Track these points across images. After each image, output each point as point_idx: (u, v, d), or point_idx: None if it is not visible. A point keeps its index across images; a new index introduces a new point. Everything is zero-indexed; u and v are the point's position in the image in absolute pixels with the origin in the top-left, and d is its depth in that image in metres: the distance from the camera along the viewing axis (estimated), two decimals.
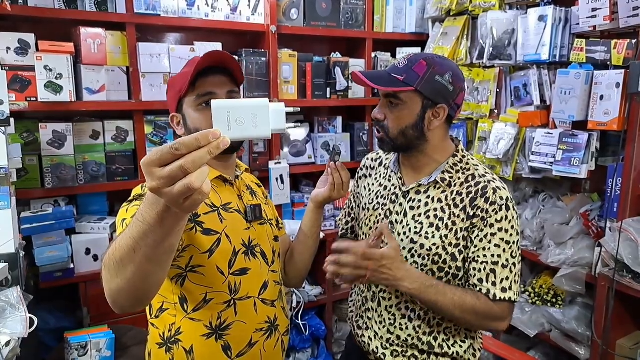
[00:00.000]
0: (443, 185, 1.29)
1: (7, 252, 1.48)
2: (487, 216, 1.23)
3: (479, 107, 2.49)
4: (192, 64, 1.22)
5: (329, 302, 2.77)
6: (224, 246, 1.21)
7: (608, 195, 2.00)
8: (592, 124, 1.99)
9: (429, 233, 1.27)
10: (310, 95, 2.64)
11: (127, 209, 1.14)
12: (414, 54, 1.27)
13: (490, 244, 1.23)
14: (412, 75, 1.22)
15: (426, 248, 1.27)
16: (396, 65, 1.27)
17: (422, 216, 1.29)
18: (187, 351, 1.20)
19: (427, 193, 1.31)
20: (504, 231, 1.23)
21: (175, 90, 1.25)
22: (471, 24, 2.56)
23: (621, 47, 1.90)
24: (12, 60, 1.95)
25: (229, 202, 1.27)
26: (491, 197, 1.23)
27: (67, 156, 2.10)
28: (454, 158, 1.32)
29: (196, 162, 0.65)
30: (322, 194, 1.38)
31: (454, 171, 1.30)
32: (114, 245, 0.83)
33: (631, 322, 2.09)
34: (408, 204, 1.33)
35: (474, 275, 1.24)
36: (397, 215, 1.34)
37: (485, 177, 1.28)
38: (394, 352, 1.34)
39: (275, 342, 1.31)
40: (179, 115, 1.27)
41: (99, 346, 1.92)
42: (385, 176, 1.43)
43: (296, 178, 2.89)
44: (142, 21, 2.17)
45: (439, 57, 1.28)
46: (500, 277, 1.22)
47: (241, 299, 1.24)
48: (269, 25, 2.44)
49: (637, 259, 1.82)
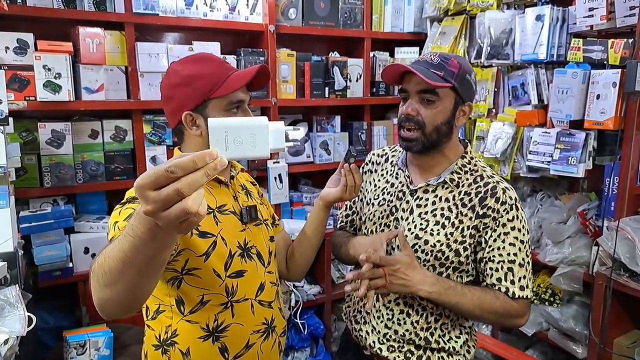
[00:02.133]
0: (451, 185, 1.31)
1: (6, 251, 1.48)
2: (499, 216, 1.25)
3: (476, 106, 2.50)
4: (216, 64, 1.22)
5: (327, 301, 2.77)
6: (220, 249, 1.20)
7: (605, 194, 2.01)
8: (589, 123, 2.00)
9: (434, 230, 1.29)
10: (309, 95, 2.64)
11: (119, 211, 1.12)
12: (441, 53, 1.28)
13: (504, 243, 1.26)
14: (449, 72, 1.24)
15: (430, 244, 1.28)
16: (429, 61, 1.26)
17: (428, 214, 1.31)
18: (184, 353, 1.20)
19: (435, 192, 1.33)
20: (517, 230, 1.26)
21: (199, 89, 1.20)
22: (469, 23, 2.57)
23: (618, 46, 1.90)
24: (11, 60, 1.95)
25: (224, 204, 1.26)
26: (501, 197, 1.26)
27: (65, 155, 2.10)
28: (462, 159, 1.34)
29: (192, 185, 0.63)
30: (334, 194, 1.36)
31: (463, 172, 1.33)
32: (103, 254, 0.81)
33: (628, 320, 2.10)
34: (415, 202, 1.34)
35: (491, 275, 1.27)
36: (402, 212, 1.35)
37: (493, 178, 1.31)
38: (390, 347, 1.34)
39: (273, 344, 1.31)
40: (198, 115, 1.22)
41: (97, 345, 1.92)
42: (392, 173, 1.44)
43: (295, 177, 2.89)
44: (141, 21, 2.17)
45: (461, 57, 1.30)
46: (518, 275, 1.25)
47: (238, 301, 1.23)
48: (267, 25, 2.45)
49: (634, 258, 1.83)
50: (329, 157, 2.77)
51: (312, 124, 2.82)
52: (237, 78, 1.21)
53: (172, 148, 2.30)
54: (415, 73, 1.21)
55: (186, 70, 1.21)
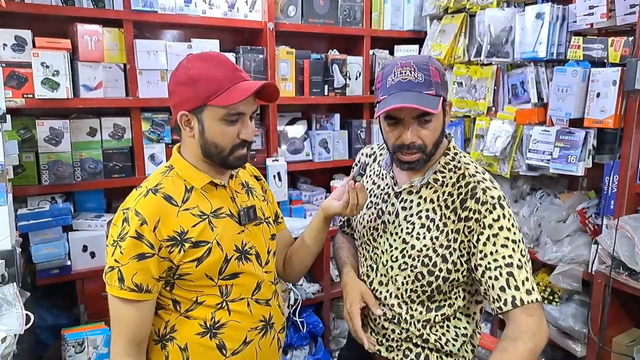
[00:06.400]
0: (435, 185, 1.27)
1: (4, 249, 1.47)
2: (482, 217, 1.19)
3: (476, 105, 2.49)
4: (225, 69, 1.18)
5: (326, 299, 2.77)
6: (215, 255, 1.19)
7: (605, 193, 2.01)
8: (589, 122, 2.00)
9: (420, 234, 1.25)
10: (308, 93, 2.64)
11: (117, 243, 1.13)
12: (414, 62, 1.20)
13: (495, 246, 1.18)
14: (435, 85, 1.18)
15: (417, 249, 1.25)
16: (414, 80, 1.18)
17: (414, 216, 1.27)
18: (182, 349, 1.20)
19: (420, 193, 1.28)
20: (506, 229, 1.18)
21: (199, 92, 1.16)
22: (469, 21, 2.56)
23: (618, 44, 1.90)
24: (9, 57, 1.95)
25: (219, 208, 1.24)
26: (482, 197, 1.20)
27: (64, 153, 2.09)
28: (445, 156, 1.29)
29: None
30: (334, 208, 1.33)
31: (447, 170, 1.27)
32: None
33: (627, 319, 2.10)
34: (400, 204, 1.30)
35: (493, 287, 1.17)
36: (389, 215, 1.32)
37: (474, 177, 1.25)
38: (389, 348, 1.34)
39: (271, 340, 1.31)
40: (193, 117, 1.19)
41: (96, 343, 1.92)
42: (379, 174, 1.42)
43: (294, 175, 2.89)
44: (139, 18, 2.17)
45: (430, 57, 1.25)
46: (520, 279, 1.16)
47: (233, 300, 1.23)
48: (266, 22, 2.44)
49: (633, 256, 1.82)
50: (328, 155, 2.76)
51: (312, 122, 2.82)
52: (239, 91, 1.16)
53: (170, 146, 2.29)
54: (418, 108, 1.14)
55: (194, 69, 1.17)
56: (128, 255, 1.12)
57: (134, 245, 1.12)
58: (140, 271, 1.12)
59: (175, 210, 1.17)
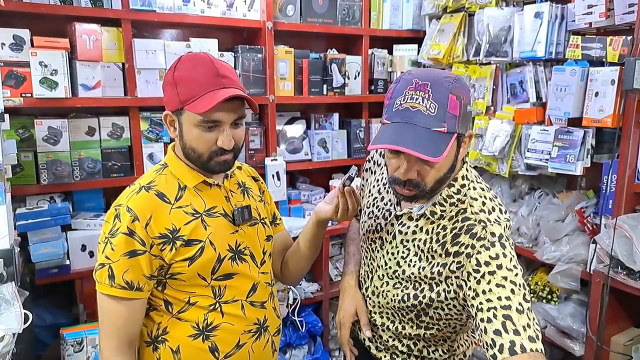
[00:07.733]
0: (432, 217, 1.18)
1: (3, 248, 1.47)
2: (474, 252, 1.07)
3: (475, 104, 2.50)
4: (206, 72, 1.14)
5: (325, 299, 2.77)
6: (208, 254, 1.18)
7: (603, 192, 2.01)
8: (587, 121, 2.00)
9: (413, 261, 1.20)
10: (307, 92, 2.64)
11: (112, 231, 1.14)
12: (433, 83, 1.03)
13: (490, 284, 1.03)
14: (451, 120, 1.02)
15: (407, 274, 1.21)
16: (424, 112, 1.02)
17: (409, 242, 1.22)
18: (174, 351, 1.20)
19: (417, 222, 1.21)
20: (506, 269, 1.03)
21: (179, 95, 1.15)
22: (467, 20, 2.56)
23: (616, 44, 1.90)
24: (7, 56, 1.94)
25: (213, 207, 1.24)
26: (479, 233, 1.09)
27: (62, 152, 2.09)
28: (450, 188, 1.16)
29: None
30: (325, 213, 1.29)
31: (447, 204, 1.16)
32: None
33: (626, 318, 2.10)
34: (398, 227, 1.25)
35: (486, 330, 0.99)
36: (387, 235, 1.28)
37: (477, 216, 1.12)
38: (378, 347, 1.36)
39: (265, 343, 1.30)
40: (175, 117, 1.20)
41: (94, 342, 1.92)
42: (385, 183, 1.33)
43: (293, 175, 2.89)
44: (138, 17, 2.16)
45: (456, 79, 1.06)
46: (520, 323, 0.97)
47: (227, 302, 1.23)
48: (265, 22, 2.44)
49: (631, 256, 1.82)
50: (327, 154, 2.76)
51: (310, 122, 2.82)
52: (209, 99, 1.11)
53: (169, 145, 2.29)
54: (420, 156, 1.00)
55: (179, 70, 1.16)
56: (119, 251, 1.11)
57: (126, 241, 1.11)
58: (131, 268, 1.12)
59: (168, 208, 1.17)
